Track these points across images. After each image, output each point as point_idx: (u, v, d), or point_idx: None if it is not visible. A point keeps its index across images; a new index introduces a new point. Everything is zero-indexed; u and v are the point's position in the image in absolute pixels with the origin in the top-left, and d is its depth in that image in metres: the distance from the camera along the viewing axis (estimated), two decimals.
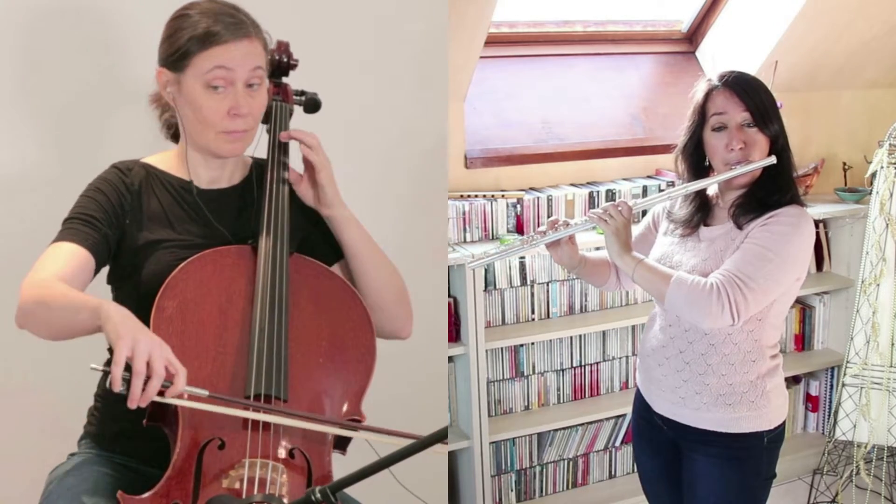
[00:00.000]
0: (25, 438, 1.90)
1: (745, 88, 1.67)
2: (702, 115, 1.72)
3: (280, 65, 1.64)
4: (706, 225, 1.77)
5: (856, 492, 2.96)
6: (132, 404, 1.16)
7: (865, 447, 2.87)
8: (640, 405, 1.91)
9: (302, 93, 1.69)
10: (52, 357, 1.58)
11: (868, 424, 2.86)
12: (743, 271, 1.59)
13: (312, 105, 1.69)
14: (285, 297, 1.42)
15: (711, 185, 1.77)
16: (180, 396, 1.22)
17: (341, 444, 1.43)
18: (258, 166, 1.59)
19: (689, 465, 1.80)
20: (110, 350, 1.22)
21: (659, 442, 1.87)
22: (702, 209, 1.78)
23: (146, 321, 1.33)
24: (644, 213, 2.85)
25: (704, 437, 1.75)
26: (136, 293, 1.43)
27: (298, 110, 1.69)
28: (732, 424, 1.72)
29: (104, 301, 1.24)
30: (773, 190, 1.68)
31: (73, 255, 1.36)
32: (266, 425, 1.31)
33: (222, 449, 1.29)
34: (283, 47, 1.64)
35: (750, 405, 1.71)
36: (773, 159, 1.66)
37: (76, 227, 1.40)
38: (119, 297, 1.50)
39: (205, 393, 1.23)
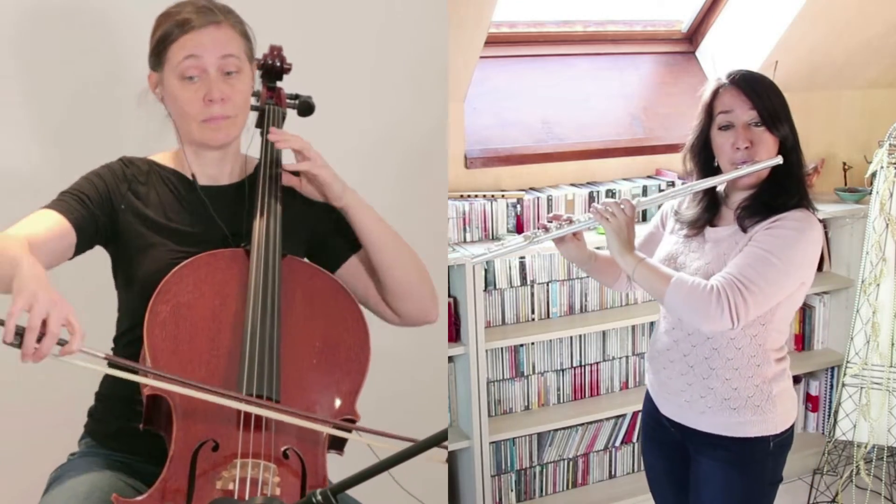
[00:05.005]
0: (26, 438, 1.89)
1: (753, 87, 1.65)
2: (709, 113, 1.70)
3: (273, 69, 1.64)
4: (713, 226, 1.74)
5: (856, 492, 2.96)
6: (24, 359, 1.14)
7: (865, 447, 2.87)
8: (649, 406, 1.90)
9: (296, 96, 1.68)
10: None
11: (868, 424, 2.86)
12: (744, 274, 1.56)
13: (306, 108, 1.68)
14: (277, 299, 1.42)
15: (720, 185, 1.75)
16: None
17: (337, 444, 1.42)
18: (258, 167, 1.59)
19: (696, 468, 1.79)
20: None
21: (667, 443, 1.86)
22: (709, 210, 1.75)
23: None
24: (644, 214, 2.90)
25: (710, 440, 1.73)
26: (135, 291, 1.44)
27: (292, 114, 1.67)
28: (738, 429, 1.70)
29: (26, 257, 1.22)
30: (778, 192, 1.65)
31: (52, 223, 1.38)
32: (258, 425, 1.31)
33: (216, 451, 1.29)
34: (276, 51, 1.64)
35: (755, 409, 1.69)
36: (779, 159, 1.63)
37: (66, 199, 1.42)
38: (122, 296, 1.51)
39: (100, 355, 1.22)
